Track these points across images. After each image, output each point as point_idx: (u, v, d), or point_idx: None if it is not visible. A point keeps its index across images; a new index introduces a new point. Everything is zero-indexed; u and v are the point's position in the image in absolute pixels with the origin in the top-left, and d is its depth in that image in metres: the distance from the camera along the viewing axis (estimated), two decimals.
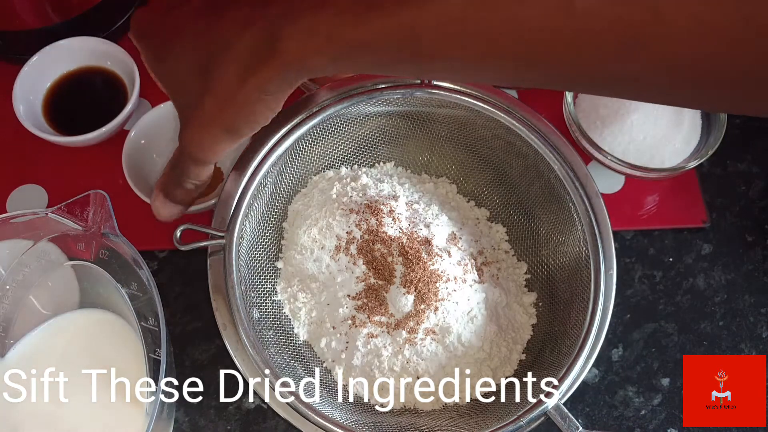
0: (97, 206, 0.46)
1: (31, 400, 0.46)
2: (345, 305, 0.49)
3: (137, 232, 0.49)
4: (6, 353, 0.48)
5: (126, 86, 0.60)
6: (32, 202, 0.58)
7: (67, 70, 0.60)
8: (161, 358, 0.42)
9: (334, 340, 0.49)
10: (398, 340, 0.48)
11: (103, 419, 0.46)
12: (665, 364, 0.54)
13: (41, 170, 0.59)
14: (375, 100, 0.52)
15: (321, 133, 0.53)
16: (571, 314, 0.49)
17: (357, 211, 0.51)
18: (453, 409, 0.49)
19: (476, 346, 0.49)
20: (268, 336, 0.49)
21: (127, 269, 0.45)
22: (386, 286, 0.49)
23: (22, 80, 0.57)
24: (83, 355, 0.48)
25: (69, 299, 0.50)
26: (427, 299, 0.48)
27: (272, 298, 0.51)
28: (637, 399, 0.53)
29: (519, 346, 0.51)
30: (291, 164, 0.53)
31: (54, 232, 0.47)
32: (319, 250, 0.50)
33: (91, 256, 0.46)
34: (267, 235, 0.53)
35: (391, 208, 0.51)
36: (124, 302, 0.45)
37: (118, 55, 0.59)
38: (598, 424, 0.52)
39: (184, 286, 0.56)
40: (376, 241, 0.50)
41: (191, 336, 0.54)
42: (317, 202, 0.52)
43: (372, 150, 0.56)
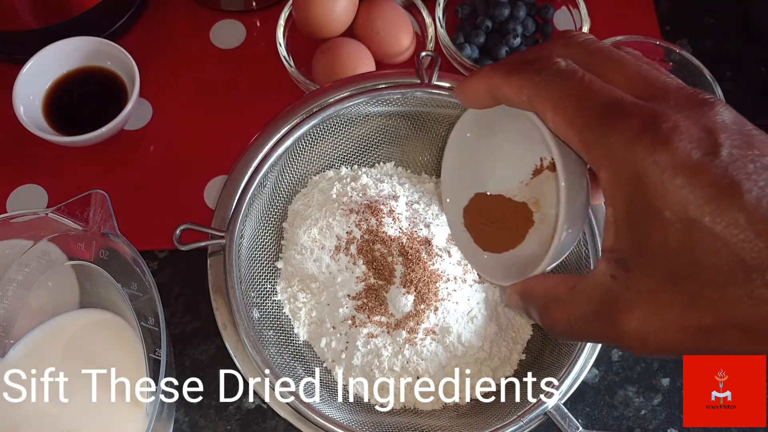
0: (97, 206, 0.46)
1: (31, 400, 0.46)
2: (345, 305, 0.49)
3: (137, 232, 0.49)
4: (6, 353, 0.48)
5: (126, 86, 0.60)
6: (32, 202, 0.58)
7: (67, 70, 0.60)
8: (161, 358, 0.42)
9: (334, 340, 0.49)
10: (398, 340, 0.48)
11: (103, 419, 0.46)
12: (665, 364, 0.54)
13: (41, 170, 0.60)
14: (375, 100, 0.52)
15: (321, 133, 0.53)
16: None
17: (357, 211, 0.51)
18: (453, 409, 0.49)
19: (476, 346, 0.49)
20: (268, 336, 0.49)
21: (127, 269, 0.45)
22: (386, 286, 0.49)
23: (22, 80, 0.57)
24: (83, 355, 0.48)
25: (69, 299, 0.50)
26: (427, 299, 0.48)
27: (272, 298, 0.51)
28: (637, 399, 0.53)
29: (519, 346, 0.51)
30: (291, 164, 0.53)
31: (54, 232, 0.47)
32: (319, 250, 0.50)
33: (91, 256, 0.46)
34: (267, 235, 0.53)
35: (391, 208, 0.51)
36: (124, 302, 0.45)
37: (118, 55, 0.59)
38: (598, 424, 0.52)
39: (184, 286, 0.56)
40: (376, 241, 0.50)
41: (191, 336, 0.54)
42: (317, 202, 0.52)
43: (372, 150, 0.56)
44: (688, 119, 0.24)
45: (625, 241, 0.25)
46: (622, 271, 0.26)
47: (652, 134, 0.24)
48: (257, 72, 0.64)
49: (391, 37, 0.61)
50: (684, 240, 0.24)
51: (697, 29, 0.69)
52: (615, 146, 0.25)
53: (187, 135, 0.62)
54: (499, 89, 0.29)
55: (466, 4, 0.66)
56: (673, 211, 0.24)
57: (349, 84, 0.52)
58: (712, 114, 0.25)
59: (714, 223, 0.23)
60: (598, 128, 0.25)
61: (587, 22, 0.63)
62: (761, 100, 0.65)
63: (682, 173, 0.23)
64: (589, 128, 0.26)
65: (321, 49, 0.61)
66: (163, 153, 0.61)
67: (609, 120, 0.25)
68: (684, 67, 0.60)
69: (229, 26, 0.67)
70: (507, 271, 0.35)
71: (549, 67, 0.27)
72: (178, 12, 0.67)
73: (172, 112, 0.63)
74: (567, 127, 0.26)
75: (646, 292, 0.25)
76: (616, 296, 0.26)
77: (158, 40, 0.66)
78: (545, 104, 0.27)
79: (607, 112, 0.25)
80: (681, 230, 0.24)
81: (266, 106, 0.61)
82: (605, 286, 0.27)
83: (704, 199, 0.23)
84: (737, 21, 0.70)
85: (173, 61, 0.65)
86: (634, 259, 0.25)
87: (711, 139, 0.24)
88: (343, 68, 0.58)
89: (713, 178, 0.23)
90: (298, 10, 0.60)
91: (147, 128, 0.62)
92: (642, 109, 0.25)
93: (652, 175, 0.24)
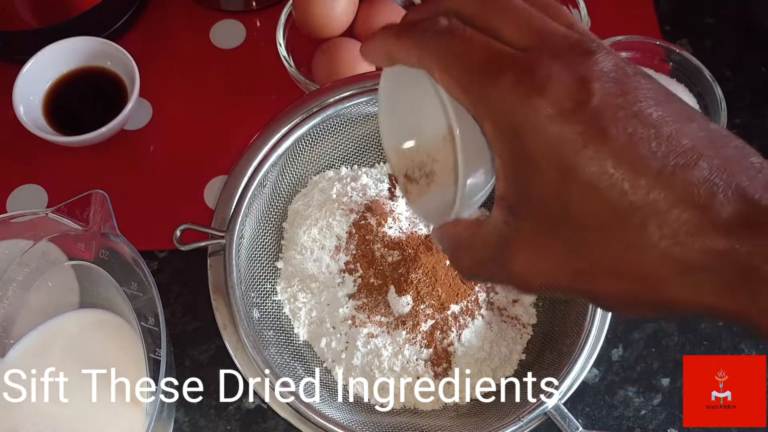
0: (98, 206, 0.46)
1: (31, 400, 0.46)
2: (345, 305, 0.49)
3: (137, 232, 0.49)
4: (6, 353, 0.48)
5: (126, 86, 0.60)
6: (32, 202, 0.58)
7: (67, 70, 0.60)
8: (161, 358, 0.42)
9: (334, 340, 0.49)
10: (398, 339, 0.48)
11: (103, 419, 0.46)
12: (665, 364, 0.54)
13: (41, 170, 0.60)
14: (375, 100, 0.52)
15: (321, 133, 0.53)
16: (571, 314, 0.49)
17: (357, 211, 0.51)
18: (453, 409, 0.49)
19: (476, 346, 0.49)
20: (268, 336, 0.49)
21: (127, 269, 0.45)
22: (386, 286, 0.49)
23: (22, 80, 0.57)
24: (83, 355, 0.48)
25: (69, 299, 0.50)
26: (426, 299, 0.48)
27: (272, 298, 0.51)
28: (637, 399, 0.53)
29: (519, 346, 0.51)
30: (291, 164, 0.53)
31: (54, 232, 0.47)
32: (319, 250, 0.50)
33: (91, 256, 0.46)
34: (267, 235, 0.53)
35: (391, 208, 0.51)
36: (124, 302, 0.45)
37: (118, 55, 0.59)
38: (598, 424, 0.52)
39: (184, 286, 0.56)
40: (376, 241, 0.50)
41: (191, 336, 0.54)
42: (317, 202, 0.52)
43: (372, 150, 0.56)
44: (563, 68, 0.24)
45: (512, 189, 0.27)
46: (512, 217, 0.27)
47: (526, 85, 0.24)
48: (257, 72, 0.64)
49: None
50: (559, 187, 0.24)
51: (697, 29, 0.69)
52: (493, 99, 0.25)
53: (187, 135, 0.62)
54: (393, 52, 0.30)
55: None
56: (548, 160, 0.24)
57: (349, 84, 0.52)
58: (591, 62, 0.25)
59: (584, 171, 0.24)
60: (479, 83, 0.26)
61: (587, 21, 0.63)
62: (761, 100, 0.65)
63: (554, 122, 0.24)
64: (471, 84, 0.26)
65: (321, 49, 0.61)
66: (163, 153, 0.61)
67: (488, 75, 0.25)
68: (684, 67, 0.60)
69: (229, 26, 0.67)
70: (434, 216, 0.36)
71: (432, 27, 0.28)
72: (178, 12, 0.67)
73: (172, 112, 0.63)
74: (452, 85, 0.27)
75: (530, 236, 0.27)
76: (506, 240, 0.27)
77: (158, 40, 0.66)
78: (431, 64, 0.27)
79: (486, 67, 0.26)
80: (556, 178, 0.24)
81: (266, 106, 0.61)
82: (499, 231, 0.28)
83: (574, 147, 0.24)
84: (737, 21, 0.69)
85: (173, 61, 0.65)
86: (520, 206, 0.27)
87: (584, 88, 0.24)
88: (343, 68, 0.58)
89: (583, 127, 0.23)
90: (298, 10, 0.60)
91: (147, 128, 0.62)
92: (519, 60, 0.25)
93: (527, 126, 0.24)
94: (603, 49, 0.25)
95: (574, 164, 0.24)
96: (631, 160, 0.23)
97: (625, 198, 0.23)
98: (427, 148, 0.38)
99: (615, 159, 0.23)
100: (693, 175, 0.23)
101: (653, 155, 0.23)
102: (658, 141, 0.23)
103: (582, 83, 0.24)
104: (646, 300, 0.25)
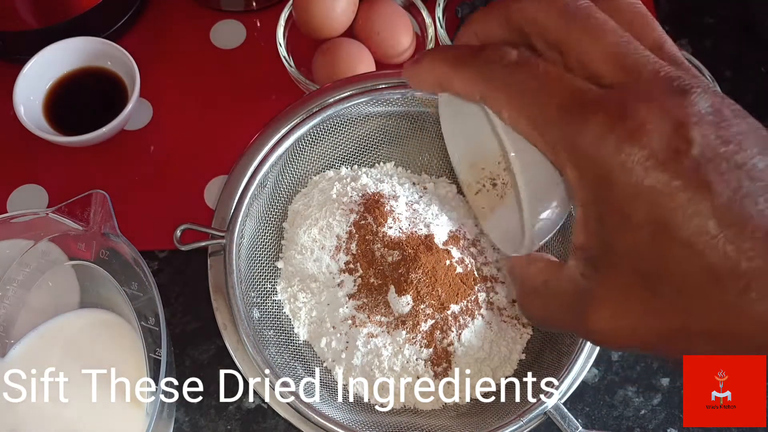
0: (98, 206, 0.46)
1: (31, 400, 0.46)
2: (345, 305, 0.49)
3: (137, 232, 0.49)
4: (6, 353, 0.48)
5: (126, 86, 0.60)
6: (32, 202, 0.58)
7: (67, 70, 0.60)
8: (161, 358, 0.42)
9: (334, 340, 0.49)
10: (398, 339, 0.48)
11: (103, 419, 0.47)
12: (665, 363, 0.54)
13: (41, 170, 0.60)
14: (375, 100, 0.52)
15: (321, 133, 0.53)
16: None
17: (357, 211, 0.51)
18: (453, 409, 0.49)
19: (476, 346, 0.49)
20: (268, 336, 0.49)
21: (128, 269, 0.45)
22: (386, 286, 0.49)
23: (22, 80, 0.57)
24: (83, 355, 0.48)
25: (69, 299, 0.50)
26: (426, 299, 0.48)
27: (272, 297, 0.51)
28: (636, 399, 0.53)
29: (519, 346, 0.51)
30: (291, 164, 0.53)
31: (54, 232, 0.47)
32: (319, 250, 0.50)
33: (91, 256, 0.46)
34: (267, 235, 0.53)
35: (391, 208, 0.51)
36: (124, 302, 0.45)
37: (119, 55, 0.59)
38: (598, 424, 0.52)
39: (184, 286, 0.56)
40: (376, 241, 0.50)
41: (191, 336, 0.54)
42: (317, 202, 0.52)
43: (372, 150, 0.56)
44: (657, 112, 0.22)
45: (594, 241, 0.24)
46: (591, 270, 0.25)
47: (618, 132, 0.22)
48: (257, 72, 0.64)
49: (391, 38, 0.61)
50: (653, 244, 0.22)
51: (697, 29, 0.69)
52: (579, 145, 0.23)
53: (187, 135, 0.62)
54: (449, 83, 0.27)
55: (466, 4, 0.66)
56: (641, 214, 0.22)
57: (349, 84, 0.52)
58: (687, 104, 0.22)
59: (682, 229, 0.21)
60: (560, 126, 0.23)
61: None
62: (761, 100, 0.65)
63: (650, 173, 0.22)
64: (549, 126, 0.24)
65: (321, 49, 0.61)
66: (163, 153, 0.61)
67: (571, 117, 0.23)
68: None
69: (229, 26, 0.67)
70: (506, 243, 0.34)
71: (500, 59, 0.25)
72: (178, 12, 0.67)
73: (172, 112, 0.63)
74: (526, 126, 0.24)
75: (615, 292, 0.24)
76: (585, 294, 0.25)
77: (158, 40, 0.66)
78: (499, 102, 0.25)
79: (569, 108, 0.23)
80: (650, 234, 0.22)
81: (266, 106, 0.61)
82: (575, 283, 0.26)
83: (672, 202, 0.21)
84: (737, 21, 0.70)
85: (173, 61, 0.65)
86: (603, 259, 0.24)
87: (681, 135, 0.22)
88: (343, 68, 0.58)
89: (682, 180, 0.21)
90: (298, 10, 0.60)
91: (147, 128, 0.62)
92: (608, 101, 0.23)
93: (619, 176, 0.22)
94: (698, 85, 0.23)
95: (672, 220, 0.22)
96: (737, 220, 0.21)
97: (729, 262, 0.21)
98: (493, 173, 0.37)
99: (718, 218, 0.21)
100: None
101: (761, 214, 0.21)
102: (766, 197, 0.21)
103: (679, 129, 0.22)
104: (733, 354, 0.24)
